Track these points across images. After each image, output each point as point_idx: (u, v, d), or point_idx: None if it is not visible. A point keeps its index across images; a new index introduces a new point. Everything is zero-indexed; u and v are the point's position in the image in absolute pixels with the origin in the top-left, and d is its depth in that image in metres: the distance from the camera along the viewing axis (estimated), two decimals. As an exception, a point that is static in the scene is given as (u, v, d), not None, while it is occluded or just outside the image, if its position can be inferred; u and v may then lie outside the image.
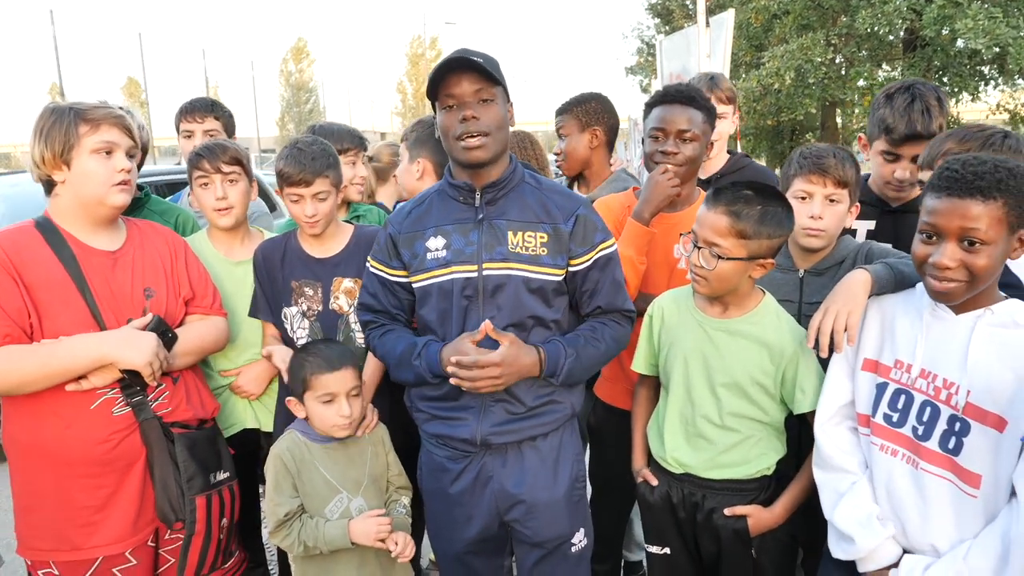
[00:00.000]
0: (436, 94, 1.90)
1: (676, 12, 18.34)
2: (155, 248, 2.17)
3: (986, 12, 10.16)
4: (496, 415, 1.98)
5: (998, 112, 16.41)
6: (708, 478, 2.03)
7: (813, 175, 2.10)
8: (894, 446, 1.71)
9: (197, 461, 2.08)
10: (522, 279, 1.93)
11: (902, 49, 14.17)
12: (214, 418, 2.24)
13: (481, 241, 1.94)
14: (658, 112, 2.37)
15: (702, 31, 5.28)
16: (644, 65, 21.16)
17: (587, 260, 1.99)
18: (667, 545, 2.13)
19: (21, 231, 2.00)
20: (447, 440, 2.05)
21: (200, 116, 3.14)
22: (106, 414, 1.98)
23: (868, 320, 1.81)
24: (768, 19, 13.72)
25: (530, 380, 1.95)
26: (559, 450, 2.07)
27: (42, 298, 1.92)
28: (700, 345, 2.04)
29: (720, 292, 1.98)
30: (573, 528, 2.10)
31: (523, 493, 2.02)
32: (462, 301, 1.95)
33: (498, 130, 1.90)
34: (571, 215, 1.97)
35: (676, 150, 2.32)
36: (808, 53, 12.28)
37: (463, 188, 1.97)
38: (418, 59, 60.06)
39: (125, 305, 2.04)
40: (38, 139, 1.98)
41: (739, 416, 2.00)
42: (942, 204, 1.55)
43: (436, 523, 2.16)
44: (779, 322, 2.00)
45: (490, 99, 1.88)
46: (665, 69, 6.33)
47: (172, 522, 2.06)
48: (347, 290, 2.38)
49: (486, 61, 1.87)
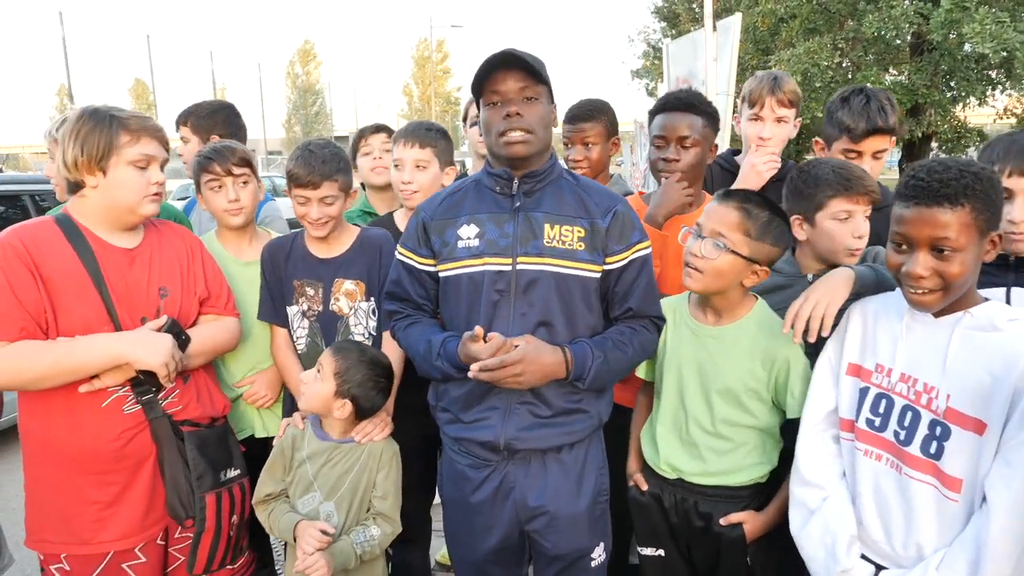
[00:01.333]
0: (481, 90, 1.88)
1: (682, 16, 18.33)
2: (172, 247, 2.19)
3: (993, 17, 10.14)
4: (521, 418, 1.92)
5: (1005, 116, 16.35)
6: (701, 484, 2.03)
7: (858, 195, 2.06)
8: (878, 451, 1.70)
9: (207, 459, 2.10)
10: (557, 275, 1.88)
11: (909, 53, 14.14)
12: (225, 416, 2.26)
13: (516, 233, 1.89)
14: (660, 120, 2.42)
15: (709, 35, 5.27)
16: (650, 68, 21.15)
17: (623, 259, 1.94)
18: (661, 547, 2.13)
19: (40, 226, 2.02)
20: (468, 445, 2.00)
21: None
22: (117, 412, 2.00)
23: (851, 324, 1.81)
24: (775, 23, 13.71)
25: (555, 385, 1.89)
26: (584, 463, 2.02)
27: (58, 292, 1.94)
28: (694, 353, 2.05)
29: (710, 289, 1.97)
30: (593, 542, 2.07)
31: (545, 505, 1.98)
32: (492, 295, 1.89)
33: (542, 129, 1.88)
34: (609, 211, 1.93)
35: (677, 157, 2.37)
36: (815, 57, 12.27)
37: (501, 177, 1.93)
38: (424, 62, 60.14)
39: (140, 303, 2.06)
40: (73, 141, 1.97)
41: (732, 423, 2.00)
42: (911, 213, 1.55)
43: (455, 531, 2.13)
44: (771, 327, 2.00)
45: (535, 97, 1.86)
46: (672, 73, 6.33)
47: (183, 519, 2.08)
48: (348, 292, 2.39)
49: (532, 60, 1.85)
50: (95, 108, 2.03)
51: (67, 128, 2.02)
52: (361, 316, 2.42)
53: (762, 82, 2.80)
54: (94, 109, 2.03)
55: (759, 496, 2.02)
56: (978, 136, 16.42)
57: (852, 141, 2.49)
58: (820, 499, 1.80)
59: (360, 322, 2.42)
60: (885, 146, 2.48)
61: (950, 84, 14.16)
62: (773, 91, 2.76)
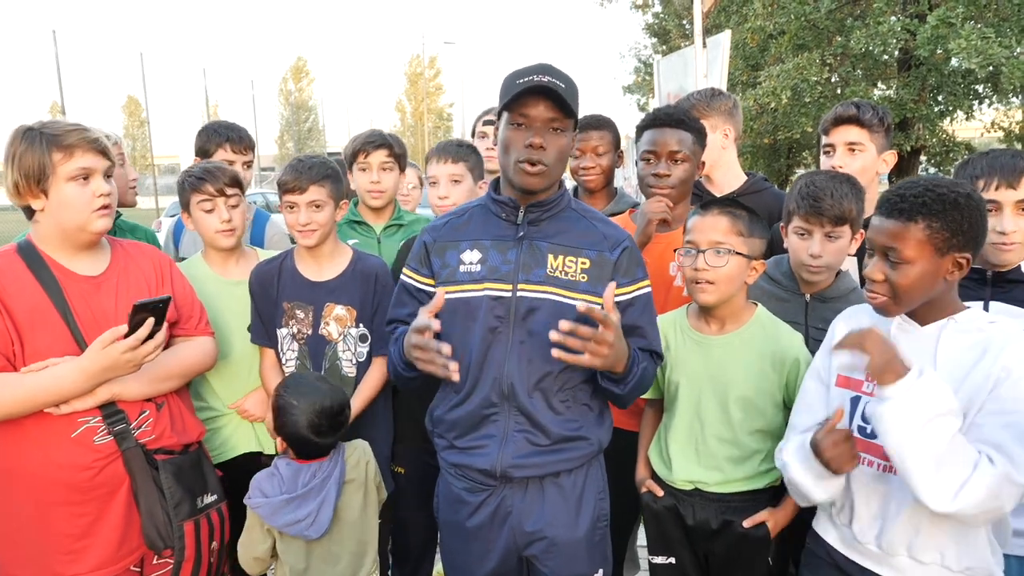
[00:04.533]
0: (509, 106, 1.83)
1: (673, 32, 18.51)
2: (139, 269, 2.12)
3: (979, 32, 10.25)
4: (518, 445, 1.89)
5: (993, 130, 16.52)
6: (720, 492, 2.04)
7: (811, 216, 2.12)
8: (870, 456, 1.74)
9: (183, 486, 2.04)
10: (557, 304, 1.85)
11: (897, 69, 14.28)
12: (199, 442, 2.20)
13: (519, 260, 1.87)
14: (649, 135, 2.43)
15: (699, 51, 5.34)
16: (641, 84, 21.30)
17: (629, 293, 1.92)
18: (673, 555, 2.13)
19: (3, 256, 1.96)
20: (465, 470, 1.97)
21: (245, 148, 3.10)
22: (87, 442, 1.94)
23: (839, 335, 1.81)
24: (764, 39, 13.84)
25: (552, 409, 1.87)
26: (583, 488, 1.99)
27: (24, 323, 1.89)
28: (702, 364, 2.06)
29: (726, 295, 2.00)
30: (593, 568, 2.03)
31: (543, 531, 1.95)
32: (491, 321, 1.87)
33: (559, 163, 1.86)
34: (618, 245, 1.92)
35: (668, 172, 2.38)
36: (804, 73, 12.38)
37: (507, 204, 1.92)
38: (417, 78, 60.33)
39: (108, 329, 1.96)
40: (11, 166, 1.91)
41: (750, 430, 2.01)
42: (875, 222, 1.68)
43: (452, 556, 2.09)
44: (776, 330, 2.04)
45: (561, 129, 1.83)
46: (663, 89, 6.39)
47: (161, 549, 2.02)
48: (337, 317, 2.37)
49: (567, 90, 1.80)
50: (28, 128, 1.93)
51: (5, 152, 1.95)
52: (350, 342, 2.40)
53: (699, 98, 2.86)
54: (27, 129, 1.93)
55: (777, 496, 2.04)
56: (966, 149, 16.57)
57: (824, 134, 2.60)
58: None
59: (349, 348, 2.40)
60: (856, 138, 2.51)
61: (937, 99, 14.30)
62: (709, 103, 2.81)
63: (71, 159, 1.90)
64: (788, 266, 2.24)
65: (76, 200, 1.91)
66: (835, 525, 1.83)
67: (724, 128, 2.76)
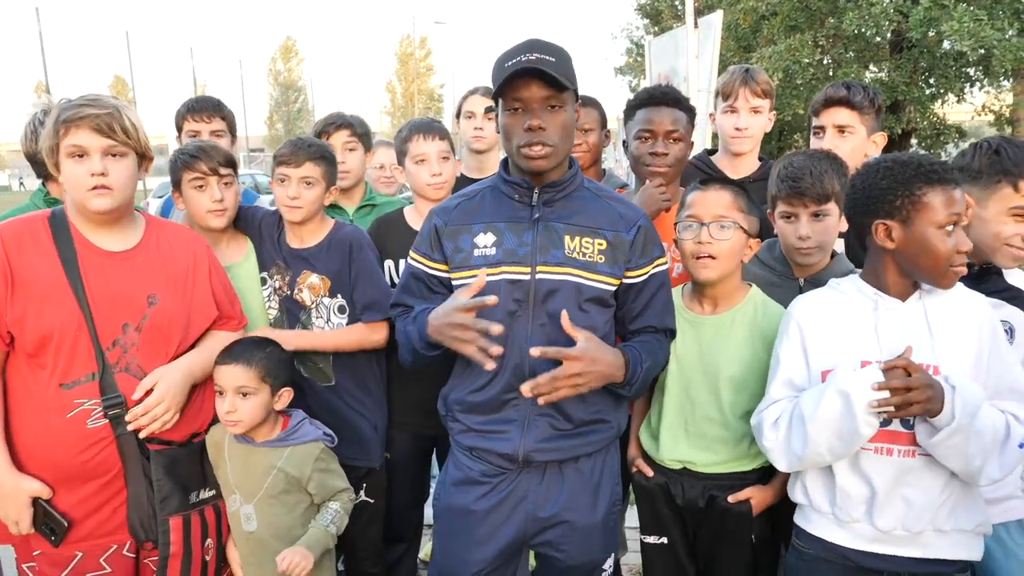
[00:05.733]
0: (502, 91, 1.78)
1: (665, 13, 18.37)
2: (172, 254, 2.09)
3: (971, 14, 10.24)
4: (541, 430, 1.86)
5: (983, 114, 16.53)
6: (709, 472, 2.04)
7: (793, 198, 2.11)
8: (888, 445, 1.74)
9: (174, 480, 2.00)
10: (576, 285, 1.83)
11: (889, 51, 14.25)
12: (204, 431, 2.15)
13: (536, 243, 1.83)
14: (644, 114, 2.39)
15: (691, 32, 5.31)
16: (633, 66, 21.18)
17: (644, 273, 1.91)
18: (664, 535, 2.13)
19: (29, 222, 1.98)
20: (483, 454, 1.93)
21: (208, 116, 3.01)
22: (80, 424, 1.92)
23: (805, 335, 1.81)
24: (756, 20, 13.77)
25: (576, 397, 1.80)
26: (602, 472, 1.97)
27: (32, 294, 1.89)
28: (696, 345, 2.05)
29: (727, 271, 1.99)
30: (606, 553, 2.03)
31: (560, 515, 1.91)
32: (510, 305, 1.82)
33: (564, 140, 1.82)
34: (633, 224, 1.89)
35: (666, 151, 2.35)
36: (796, 54, 12.35)
37: (520, 185, 1.87)
38: (407, 59, 59.85)
39: (123, 308, 1.97)
40: (38, 140, 2.00)
41: (741, 411, 2.01)
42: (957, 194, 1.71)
43: (450, 540, 2.00)
44: (767, 311, 2.03)
45: (559, 105, 1.78)
46: (654, 70, 6.37)
47: (142, 540, 2.00)
48: (311, 285, 2.41)
49: (558, 63, 1.74)
50: (63, 101, 1.97)
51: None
52: (323, 311, 2.43)
53: (734, 75, 2.82)
54: (60, 102, 1.97)
55: (765, 476, 2.04)
56: (957, 133, 16.60)
57: (814, 116, 2.59)
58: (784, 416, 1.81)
59: (322, 316, 2.43)
60: (847, 120, 2.51)
61: (929, 81, 14.30)
62: (746, 82, 2.77)
63: (67, 136, 1.90)
64: (780, 251, 2.23)
65: (71, 177, 1.92)
66: (842, 524, 1.80)
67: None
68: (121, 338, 1.96)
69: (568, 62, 1.80)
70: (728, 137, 2.82)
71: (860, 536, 1.78)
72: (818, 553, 1.84)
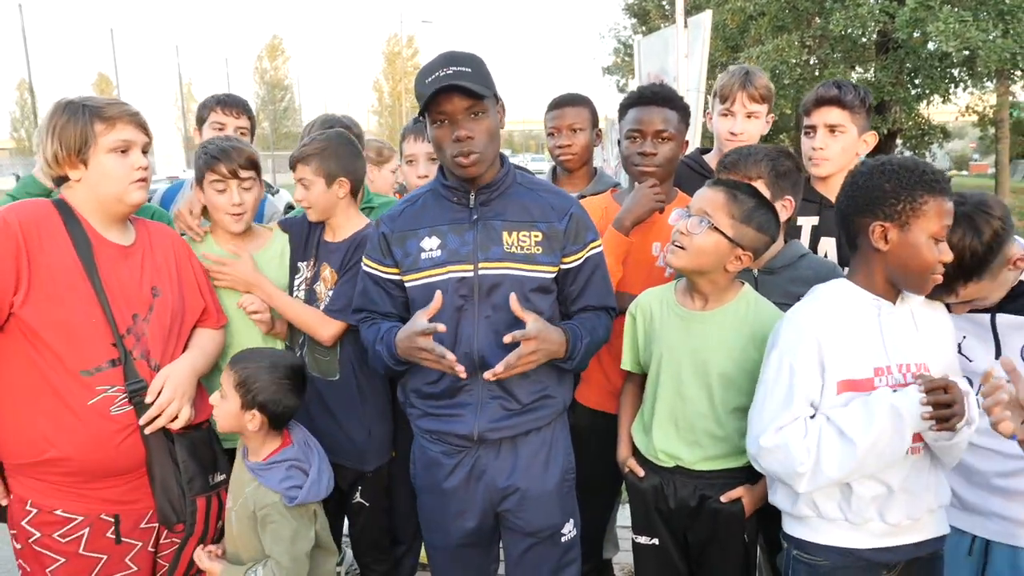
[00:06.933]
0: (427, 107, 1.90)
1: (653, 12, 18.47)
2: (163, 249, 2.16)
3: (957, 16, 10.35)
4: (492, 411, 1.99)
5: (967, 114, 16.72)
6: (701, 470, 2.04)
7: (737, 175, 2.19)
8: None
9: (197, 462, 2.07)
10: (517, 278, 1.95)
11: (875, 51, 14.39)
12: (208, 420, 2.18)
13: (477, 241, 1.95)
14: (634, 113, 2.37)
15: (680, 32, 5.29)
16: (621, 65, 21.29)
17: (579, 258, 2.01)
18: (655, 536, 2.13)
19: (41, 206, 1.98)
20: (442, 436, 2.05)
21: (237, 112, 3.01)
22: (104, 412, 1.92)
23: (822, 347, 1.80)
24: (744, 20, 13.86)
25: (523, 377, 1.95)
26: (551, 443, 2.09)
27: (48, 279, 1.90)
28: (685, 340, 2.05)
29: (691, 267, 1.98)
30: (564, 518, 2.13)
31: (516, 483, 2.04)
32: (457, 300, 1.95)
33: (491, 141, 1.92)
34: (565, 213, 2.00)
35: (654, 151, 2.32)
36: (783, 54, 12.46)
37: (457, 189, 1.99)
38: (395, 57, 59.80)
39: (133, 299, 2.02)
40: (51, 137, 1.96)
41: (731, 408, 2.00)
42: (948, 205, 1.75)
43: (430, 518, 2.17)
44: (759, 308, 2.03)
45: (481, 112, 1.88)
46: (643, 69, 6.35)
47: (173, 523, 2.03)
48: (325, 278, 2.43)
49: (474, 74, 1.85)
50: (69, 100, 2.00)
51: (43, 124, 2.01)
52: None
53: (733, 77, 2.77)
54: (68, 101, 2.00)
55: (754, 475, 2.02)
56: (941, 133, 16.77)
57: (805, 115, 2.57)
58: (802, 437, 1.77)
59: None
60: (838, 120, 2.47)
61: (915, 82, 14.45)
62: (744, 86, 2.72)
63: (113, 130, 1.96)
64: None
65: (115, 171, 1.97)
66: (855, 527, 1.82)
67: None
68: (132, 327, 2.01)
69: (484, 69, 1.90)
70: (723, 140, 2.78)
71: (872, 534, 1.81)
72: (834, 562, 1.84)
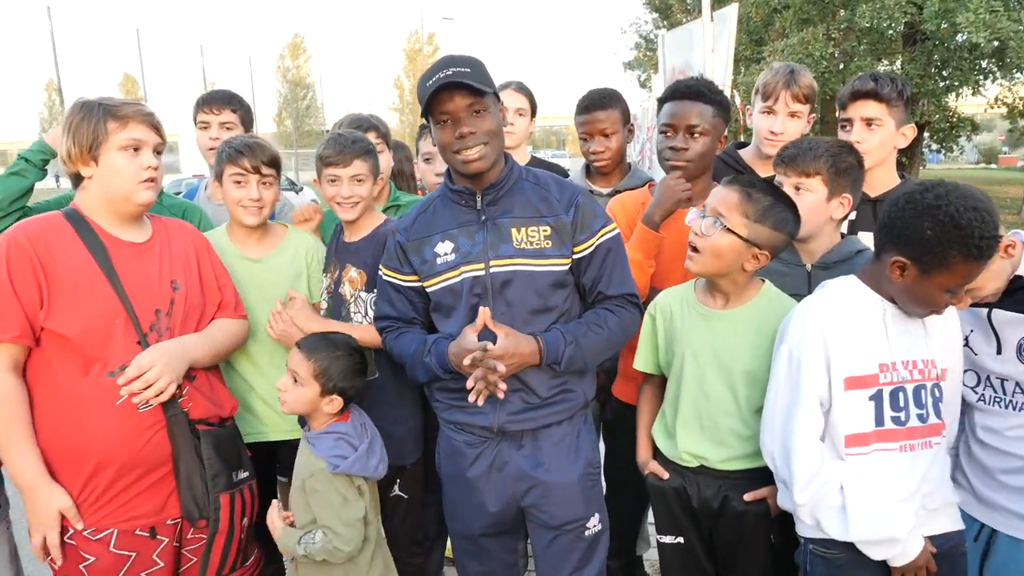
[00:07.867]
0: (429, 108, 1.96)
1: (675, 7, 18.33)
2: (181, 244, 2.19)
3: (987, 6, 10.15)
4: (512, 404, 2.02)
5: (996, 106, 16.40)
6: (726, 470, 2.03)
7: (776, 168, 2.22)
8: (910, 441, 1.81)
9: (221, 459, 2.08)
10: (529, 273, 1.99)
11: (902, 43, 14.17)
12: (232, 417, 2.22)
13: (486, 240, 2.00)
14: (668, 108, 2.37)
15: (706, 25, 5.25)
16: (642, 60, 21.15)
17: (590, 246, 2.03)
18: (681, 535, 2.12)
19: (48, 220, 2.02)
20: (465, 426, 2.10)
21: (217, 108, 3.13)
22: (131, 411, 1.95)
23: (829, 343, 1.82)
24: (768, 13, 13.70)
25: (542, 371, 2.00)
26: (575, 436, 2.12)
27: (68, 288, 1.92)
28: (707, 339, 2.04)
29: (709, 271, 1.98)
30: (588, 512, 2.13)
31: (538, 476, 2.07)
32: (471, 299, 2.01)
33: (494, 137, 1.97)
34: (570, 204, 2.03)
35: (685, 146, 2.32)
36: (808, 47, 12.28)
37: (464, 192, 2.03)
38: (415, 55, 59.86)
39: (153, 295, 2.04)
40: (67, 134, 2.01)
41: (756, 406, 1.99)
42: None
43: (454, 506, 2.21)
44: (781, 305, 2.01)
45: (482, 110, 1.94)
46: (668, 64, 6.30)
47: (196, 519, 2.05)
48: (351, 279, 2.43)
49: (473, 73, 1.91)
50: (85, 100, 2.04)
51: (63, 122, 2.04)
52: (360, 305, 2.43)
53: (778, 74, 2.72)
54: (84, 101, 2.04)
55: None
56: (970, 125, 16.47)
57: (842, 109, 2.55)
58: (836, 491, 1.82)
59: (359, 311, 2.43)
60: (875, 113, 2.45)
61: (943, 74, 14.20)
62: (788, 85, 2.69)
63: (124, 129, 2.00)
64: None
65: (124, 169, 2.00)
66: None
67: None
68: (156, 323, 2.04)
69: (483, 70, 1.96)
70: (762, 138, 2.75)
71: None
72: (849, 556, 1.85)
